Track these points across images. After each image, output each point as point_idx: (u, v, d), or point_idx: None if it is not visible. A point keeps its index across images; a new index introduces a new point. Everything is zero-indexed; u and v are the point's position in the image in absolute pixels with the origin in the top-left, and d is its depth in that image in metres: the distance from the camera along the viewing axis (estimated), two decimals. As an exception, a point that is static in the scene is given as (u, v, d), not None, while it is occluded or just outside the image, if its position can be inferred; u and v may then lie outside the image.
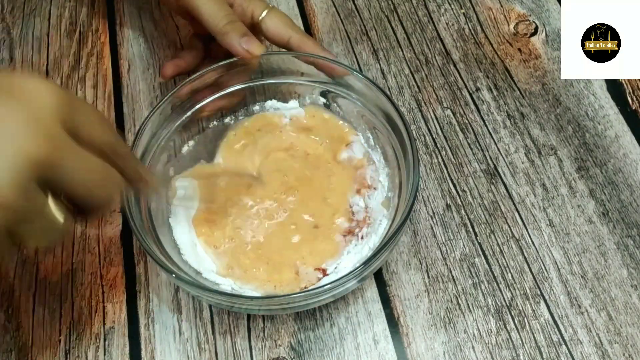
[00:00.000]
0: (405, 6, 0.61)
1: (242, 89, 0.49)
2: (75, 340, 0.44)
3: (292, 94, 0.50)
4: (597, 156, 0.50)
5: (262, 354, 0.43)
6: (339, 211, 0.46)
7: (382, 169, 0.47)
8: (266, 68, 0.49)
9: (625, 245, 0.46)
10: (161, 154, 0.46)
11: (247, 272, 0.44)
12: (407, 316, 0.44)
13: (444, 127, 0.53)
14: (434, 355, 0.42)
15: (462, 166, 0.50)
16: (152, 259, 0.39)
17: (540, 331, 0.43)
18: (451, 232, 0.47)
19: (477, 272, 0.45)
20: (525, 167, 0.50)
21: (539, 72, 0.55)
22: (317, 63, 0.47)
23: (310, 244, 0.45)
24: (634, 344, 0.42)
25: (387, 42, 0.59)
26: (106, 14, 0.63)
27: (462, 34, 0.59)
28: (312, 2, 0.62)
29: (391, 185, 0.46)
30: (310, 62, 0.47)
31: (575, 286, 0.44)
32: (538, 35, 0.58)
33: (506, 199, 0.48)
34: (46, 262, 0.47)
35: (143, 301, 0.45)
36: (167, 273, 0.39)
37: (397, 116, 0.43)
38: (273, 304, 0.40)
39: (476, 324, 0.43)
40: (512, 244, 0.46)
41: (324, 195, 0.47)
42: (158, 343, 0.44)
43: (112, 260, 0.47)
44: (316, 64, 0.47)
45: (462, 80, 0.55)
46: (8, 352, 0.44)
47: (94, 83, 0.58)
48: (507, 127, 0.52)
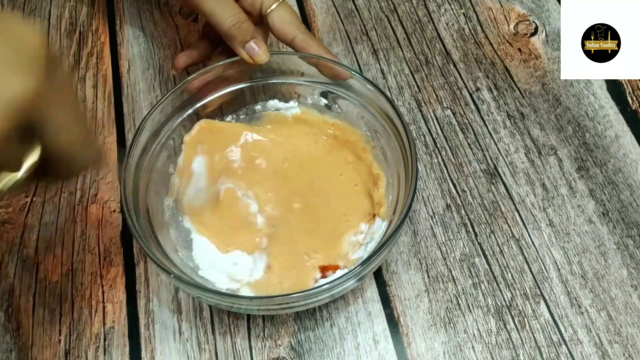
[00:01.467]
0: (405, 6, 0.61)
1: (242, 88, 0.49)
2: (75, 340, 0.44)
3: (292, 94, 0.50)
4: (597, 156, 0.50)
5: (262, 354, 0.43)
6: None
7: (383, 170, 0.47)
8: (267, 67, 0.48)
9: (625, 245, 0.46)
10: (160, 152, 0.46)
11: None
12: (407, 316, 0.44)
13: (444, 127, 0.53)
14: (434, 355, 0.42)
15: (462, 166, 0.50)
16: (152, 261, 0.39)
17: (540, 331, 0.43)
18: (451, 232, 0.47)
19: (477, 272, 0.45)
20: (525, 167, 0.50)
21: (539, 72, 0.55)
22: (320, 65, 0.47)
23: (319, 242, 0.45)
24: (634, 344, 0.42)
25: (387, 42, 0.59)
26: (106, 14, 0.63)
27: (462, 34, 0.59)
28: (312, 2, 0.62)
29: (391, 185, 0.46)
30: (313, 63, 0.47)
31: (575, 286, 0.44)
32: (538, 35, 0.58)
33: (506, 199, 0.48)
34: (46, 262, 0.47)
35: (143, 301, 0.46)
36: (166, 274, 0.39)
37: (396, 116, 0.43)
38: (272, 304, 0.40)
39: (476, 324, 0.43)
40: (512, 244, 0.46)
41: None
42: (158, 343, 0.44)
43: (112, 260, 0.47)
44: (319, 66, 0.47)
45: (462, 80, 0.55)
46: (8, 352, 0.44)
47: (94, 83, 0.58)
48: (507, 127, 0.52)
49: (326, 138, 0.49)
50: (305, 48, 0.47)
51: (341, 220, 0.46)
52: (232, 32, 0.45)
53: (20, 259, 0.48)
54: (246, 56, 0.46)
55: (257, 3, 0.47)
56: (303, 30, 0.48)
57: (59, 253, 0.48)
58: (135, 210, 0.41)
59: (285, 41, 0.48)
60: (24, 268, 0.47)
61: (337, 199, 0.47)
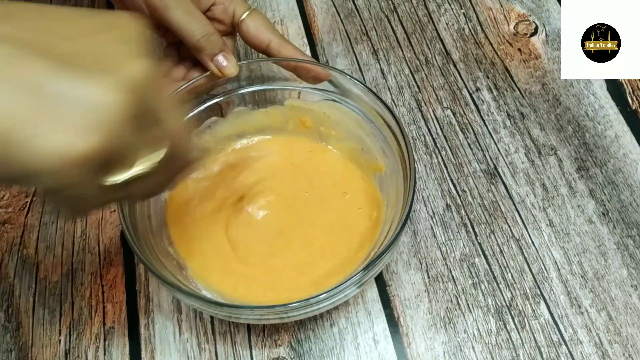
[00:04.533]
0: (405, 6, 0.61)
1: (224, 99, 0.49)
2: (75, 340, 0.44)
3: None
4: (597, 156, 0.50)
5: (262, 354, 0.43)
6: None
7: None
8: (254, 75, 0.48)
9: (625, 245, 0.46)
10: None
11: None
12: (407, 316, 0.44)
13: (444, 127, 0.53)
14: (434, 355, 0.42)
15: (462, 166, 0.50)
16: (153, 274, 0.38)
17: (540, 331, 0.43)
18: (451, 232, 0.47)
19: (477, 272, 0.45)
20: (525, 167, 0.50)
21: (539, 72, 0.55)
22: (299, 68, 0.46)
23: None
24: (634, 344, 0.42)
25: (387, 42, 0.59)
26: (106, 14, 0.63)
27: (462, 34, 0.59)
28: (312, 2, 0.62)
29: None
30: (291, 67, 0.47)
31: (575, 286, 0.44)
32: (538, 35, 0.58)
33: (506, 199, 0.48)
34: (46, 262, 0.47)
35: (143, 301, 0.46)
36: (168, 287, 0.38)
37: (389, 115, 0.42)
38: (271, 314, 0.39)
39: (476, 324, 0.43)
40: (512, 244, 0.46)
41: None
42: (158, 343, 0.44)
43: (112, 260, 0.47)
44: (298, 69, 0.46)
45: (462, 80, 0.55)
46: (8, 352, 0.44)
47: (94, 83, 0.57)
48: (507, 127, 0.52)
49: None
50: (281, 52, 0.47)
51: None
52: (201, 44, 0.45)
53: (20, 259, 0.48)
54: (215, 69, 0.45)
55: (230, 11, 0.47)
56: (277, 35, 0.48)
57: (59, 253, 0.48)
58: (130, 217, 0.40)
59: (260, 47, 0.48)
60: (24, 268, 0.47)
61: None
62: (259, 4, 0.62)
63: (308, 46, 0.59)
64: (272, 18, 0.61)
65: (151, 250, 0.41)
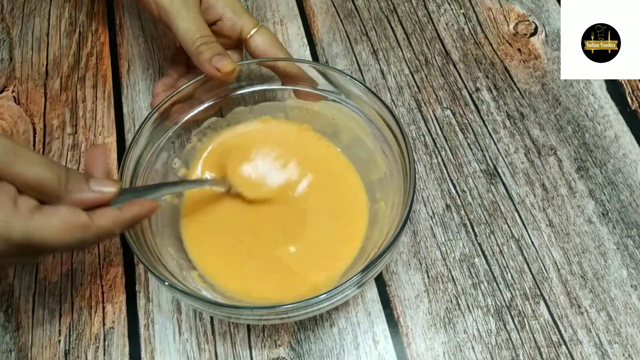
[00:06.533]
0: (405, 6, 0.61)
1: (222, 100, 0.49)
2: (75, 340, 0.44)
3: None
4: (596, 156, 0.50)
5: (262, 354, 0.43)
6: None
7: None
8: (254, 75, 0.48)
9: (625, 246, 0.46)
10: (160, 154, 0.46)
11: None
12: (407, 316, 0.44)
13: (443, 128, 0.53)
14: (434, 355, 0.42)
15: (462, 166, 0.50)
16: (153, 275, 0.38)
17: (540, 331, 0.43)
18: (451, 233, 0.47)
19: (477, 272, 0.45)
20: (525, 167, 0.50)
21: (538, 72, 0.55)
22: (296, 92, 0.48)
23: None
24: (633, 344, 0.42)
25: (387, 42, 0.59)
26: (106, 14, 0.63)
27: (461, 34, 0.59)
28: (312, 2, 0.62)
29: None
30: (283, 75, 0.48)
31: (575, 286, 0.44)
32: (538, 36, 0.58)
33: (506, 199, 0.48)
34: (46, 262, 0.47)
35: (143, 301, 0.46)
36: (167, 286, 0.38)
37: (388, 114, 0.43)
38: (271, 315, 0.39)
39: (476, 324, 0.43)
40: (511, 244, 0.46)
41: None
42: (158, 343, 0.44)
43: (112, 261, 0.47)
44: (295, 92, 0.48)
45: (461, 81, 0.55)
46: (8, 352, 0.44)
47: (94, 83, 0.58)
48: (507, 127, 0.52)
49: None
50: (287, 71, 0.47)
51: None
52: (200, 49, 0.45)
53: (20, 259, 0.48)
54: (212, 69, 0.45)
55: (237, 27, 0.48)
56: (285, 53, 0.49)
57: (59, 253, 0.48)
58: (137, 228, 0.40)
59: (267, 63, 0.48)
60: (24, 268, 0.47)
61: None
62: (259, 4, 0.62)
63: (308, 46, 0.59)
64: (272, 18, 0.61)
65: (151, 250, 0.41)
